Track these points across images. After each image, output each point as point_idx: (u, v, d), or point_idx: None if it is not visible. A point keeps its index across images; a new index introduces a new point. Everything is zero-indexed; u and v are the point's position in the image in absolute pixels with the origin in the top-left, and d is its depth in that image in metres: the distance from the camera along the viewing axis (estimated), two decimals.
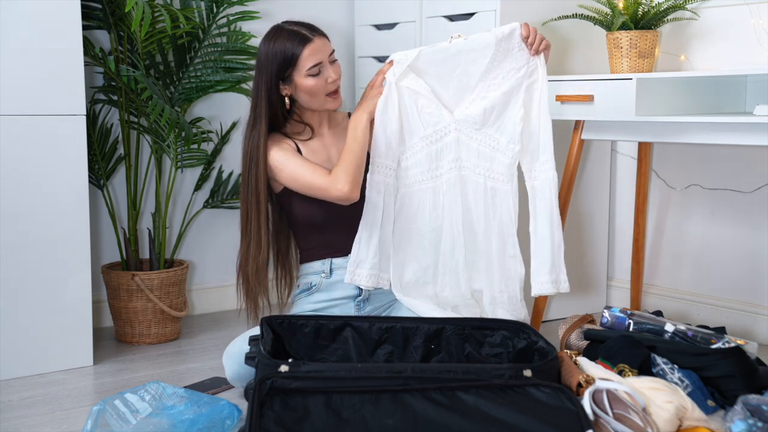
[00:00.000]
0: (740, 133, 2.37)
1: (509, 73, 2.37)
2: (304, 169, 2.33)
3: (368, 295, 2.45)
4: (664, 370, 2.15)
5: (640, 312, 2.52)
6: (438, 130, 2.39)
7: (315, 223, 2.42)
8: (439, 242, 2.42)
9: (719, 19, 2.94)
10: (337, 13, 3.62)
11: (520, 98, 2.37)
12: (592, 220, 3.32)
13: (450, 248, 2.42)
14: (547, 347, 2.06)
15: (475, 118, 2.38)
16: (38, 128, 2.59)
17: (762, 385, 2.14)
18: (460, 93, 2.40)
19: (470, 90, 2.39)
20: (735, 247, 3.01)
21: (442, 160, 2.40)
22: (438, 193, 2.41)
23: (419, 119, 2.38)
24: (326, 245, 2.44)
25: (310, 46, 2.33)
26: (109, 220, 3.16)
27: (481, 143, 2.40)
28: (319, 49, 2.34)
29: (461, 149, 2.40)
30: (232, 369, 2.32)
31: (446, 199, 2.41)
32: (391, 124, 2.34)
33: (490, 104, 2.37)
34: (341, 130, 2.50)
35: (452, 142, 2.40)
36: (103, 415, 1.97)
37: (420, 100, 2.37)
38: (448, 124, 2.39)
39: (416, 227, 2.41)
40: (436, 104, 2.38)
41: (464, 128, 2.40)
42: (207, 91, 3.05)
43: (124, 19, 2.85)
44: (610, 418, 1.85)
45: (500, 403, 1.81)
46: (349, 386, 1.83)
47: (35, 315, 2.60)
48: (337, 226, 2.40)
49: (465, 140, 2.40)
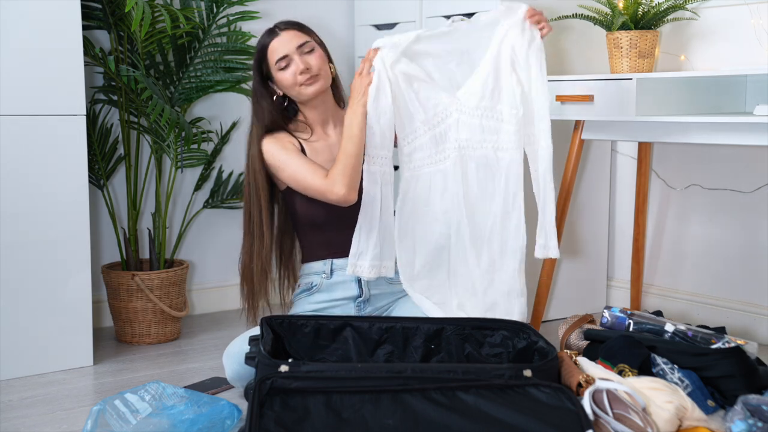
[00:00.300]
0: (740, 133, 2.37)
1: (497, 33, 2.34)
2: (304, 170, 2.33)
3: (369, 296, 2.45)
4: (664, 370, 2.15)
5: (640, 312, 2.52)
6: (438, 113, 2.36)
7: (316, 222, 2.42)
8: (450, 223, 2.40)
9: (719, 19, 2.94)
10: (337, 13, 3.62)
11: (508, 61, 2.32)
12: (592, 221, 3.32)
13: (456, 229, 2.39)
14: (547, 347, 2.06)
15: (476, 94, 2.35)
16: (38, 128, 2.59)
17: (762, 385, 2.14)
18: (462, 74, 2.38)
19: (472, 69, 2.37)
20: (735, 247, 3.01)
21: (447, 142, 2.37)
22: (447, 175, 2.39)
23: (418, 103, 2.35)
24: (327, 245, 2.44)
25: (276, 39, 2.36)
26: (109, 220, 3.16)
27: (483, 118, 2.36)
28: (283, 42, 2.35)
29: (461, 130, 2.36)
30: (232, 369, 2.32)
31: (450, 182, 2.39)
32: (384, 113, 2.31)
33: (485, 74, 2.33)
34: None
35: (454, 125, 2.37)
36: (103, 415, 1.97)
37: (415, 83, 2.33)
38: (447, 106, 2.36)
39: (429, 210, 2.39)
40: (433, 87, 2.35)
41: (465, 108, 2.36)
42: (207, 91, 3.05)
43: (124, 19, 2.85)
44: (610, 418, 1.85)
45: (500, 403, 1.81)
46: (349, 386, 1.83)
47: (35, 315, 2.60)
48: (338, 226, 2.40)
49: (466, 120, 2.36)
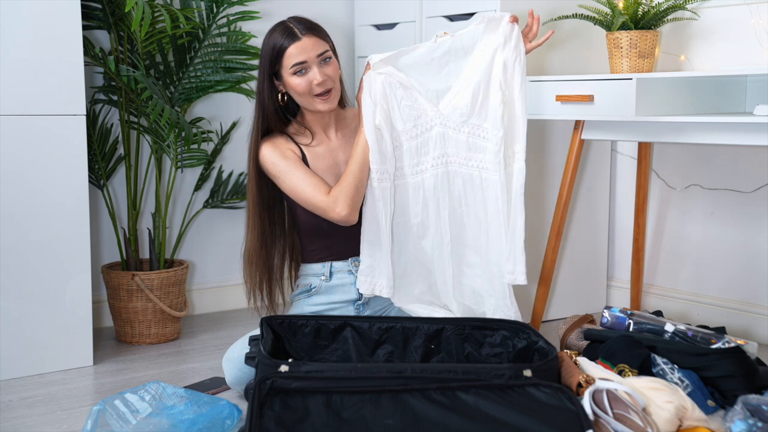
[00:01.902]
0: (740, 133, 2.37)
1: (487, 48, 2.33)
2: (305, 185, 2.31)
3: (368, 300, 2.44)
4: (664, 370, 2.15)
5: (640, 312, 2.52)
6: (418, 125, 2.34)
7: (317, 231, 2.41)
8: (423, 238, 2.38)
9: (719, 19, 2.94)
10: (337, 13, 3.62)
11: (497, 79, 2.31)
12: (592, 220, 3.32)
13: (438, 244, 2.37)
14: (547, 347, 2.06)
15: (462, 110, 2.33)
16: (38, 128, 2.59)
17: (762, 385, 2.14)
18: (446, 86, 2.36)
19: (456, 81, 2.36)
20: (735, 247, 3.01)
21: (426, 155, 2.35)
22: (419, 189, 2.36)
23: (399, 113, 2.33)
24: (328, 248, 2.43)
25: (297, 44, 2.30)
26: (109, 220, 3.16)
27: (470, 135, 2.34)
28: (305, 49, 2.30)
29: (448, 145, 2.35)
30: (232, 374, 2.32)
31: (430, 195, 2.35)
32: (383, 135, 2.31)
33: (473, 90, 2.32)
34: (351, 131, 2.47)
35: (437, 138, 2.34)
36: (103, 415, 1.97)
37: (398, 92, 2.32)
38: (431, 119, 2.34)
39: (402, 221, 2.38)
40: (415, 99, 2.33)
41: (450, 122, 2.34)
42: (207, 91, 3.05)
43: (124, 19, 2.85)
44: (610, 418, 1.85)
45: (500, 403, 1.81)
46: (349, 386, 1.83)
47: (35, 315, 2.60)
48: (343, 234, 2.39)
49: (452, 135, 2.35)
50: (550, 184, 3.15)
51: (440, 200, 2.36)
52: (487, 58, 2.32)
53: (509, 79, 2.32)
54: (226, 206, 3.32)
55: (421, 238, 2.38)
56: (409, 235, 2.39)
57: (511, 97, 2.32)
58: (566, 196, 2.80)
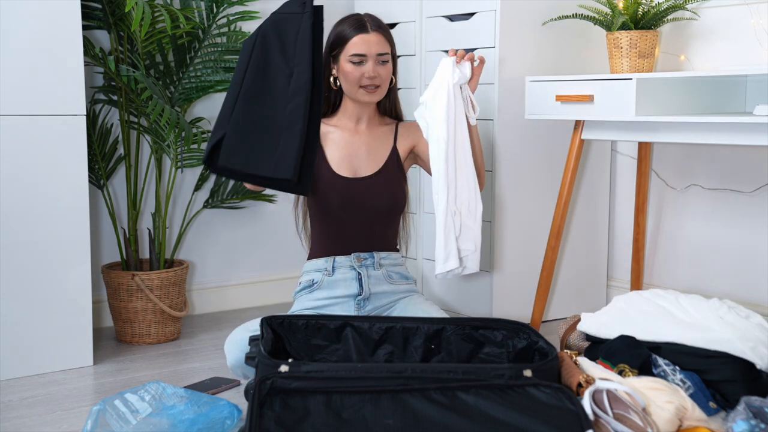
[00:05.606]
0: (740, 133, 2.37)
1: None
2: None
3: (369, 294, 2.46)
4: (665, 371, 2.15)
5: None
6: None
7: (327, 213, 2.46)
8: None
9: (719, 19, 2.94)
10: (337, 13, 3.61)
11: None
12: (592, 220, 3.32)
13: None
14: (547, 347, 2.06)
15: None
16: (38, 128, 2.59)
17: (764, 391, 2.13)
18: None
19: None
20: (735, 247, 3.01)
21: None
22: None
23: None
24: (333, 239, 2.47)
25: (363, 36, 2.45)
26: (109, 220, 3.16)
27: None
28: (369, 42, 2.45)
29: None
30: (235, 355, 2.33)
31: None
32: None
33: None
34: (380, 134, 2.55)
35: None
36: (103, 415, 1.97)
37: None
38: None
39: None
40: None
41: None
42: (207, 91, 3.05)
43: (124, 19, 2.86)
44: (610, 418, 1.85)
45: (500, 403, 1.81)
46: (349, 386, 1.83)
47: (35, 315, 2.60)
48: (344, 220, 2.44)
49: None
50: (550, 184, 3.15)
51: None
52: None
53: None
54: (226, 206, 3.32)
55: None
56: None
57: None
58: (566, 196, 2.81)
